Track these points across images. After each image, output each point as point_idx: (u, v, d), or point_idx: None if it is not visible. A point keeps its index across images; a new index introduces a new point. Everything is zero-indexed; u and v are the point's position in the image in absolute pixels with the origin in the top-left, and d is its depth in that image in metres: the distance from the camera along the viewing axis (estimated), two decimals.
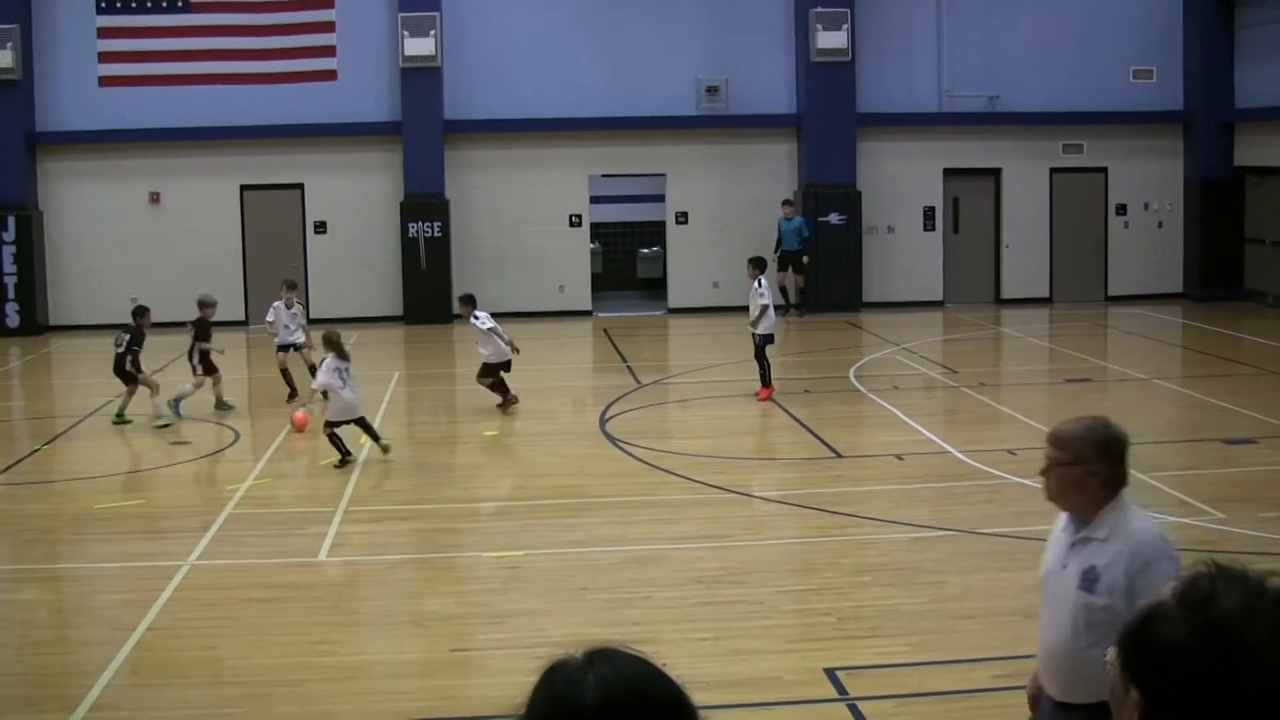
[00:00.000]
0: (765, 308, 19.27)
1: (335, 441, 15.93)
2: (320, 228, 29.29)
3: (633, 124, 29.23)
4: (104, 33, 28.88)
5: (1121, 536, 5.31)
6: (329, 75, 28.93)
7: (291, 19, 28.83)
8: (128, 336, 19.17)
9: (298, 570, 12.30)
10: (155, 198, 29.24)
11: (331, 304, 28.82)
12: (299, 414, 18.26)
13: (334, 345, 16.27)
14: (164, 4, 28.83)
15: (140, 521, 13.94)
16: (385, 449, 16.33)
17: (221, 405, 19.77)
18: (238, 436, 18.33)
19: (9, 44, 27.98)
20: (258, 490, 15.07)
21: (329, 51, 28.91)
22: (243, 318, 28.99)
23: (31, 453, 17.59)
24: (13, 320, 28.40)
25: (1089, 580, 5.34)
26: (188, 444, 17.70)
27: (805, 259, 28.83)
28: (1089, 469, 5.35)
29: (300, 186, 29.31)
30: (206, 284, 28.56)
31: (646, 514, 13.96)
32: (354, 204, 29.20)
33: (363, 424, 16.43)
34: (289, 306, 20.92)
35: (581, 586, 11.63)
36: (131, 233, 29.18)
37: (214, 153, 29.07)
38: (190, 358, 19.79)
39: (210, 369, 19.67)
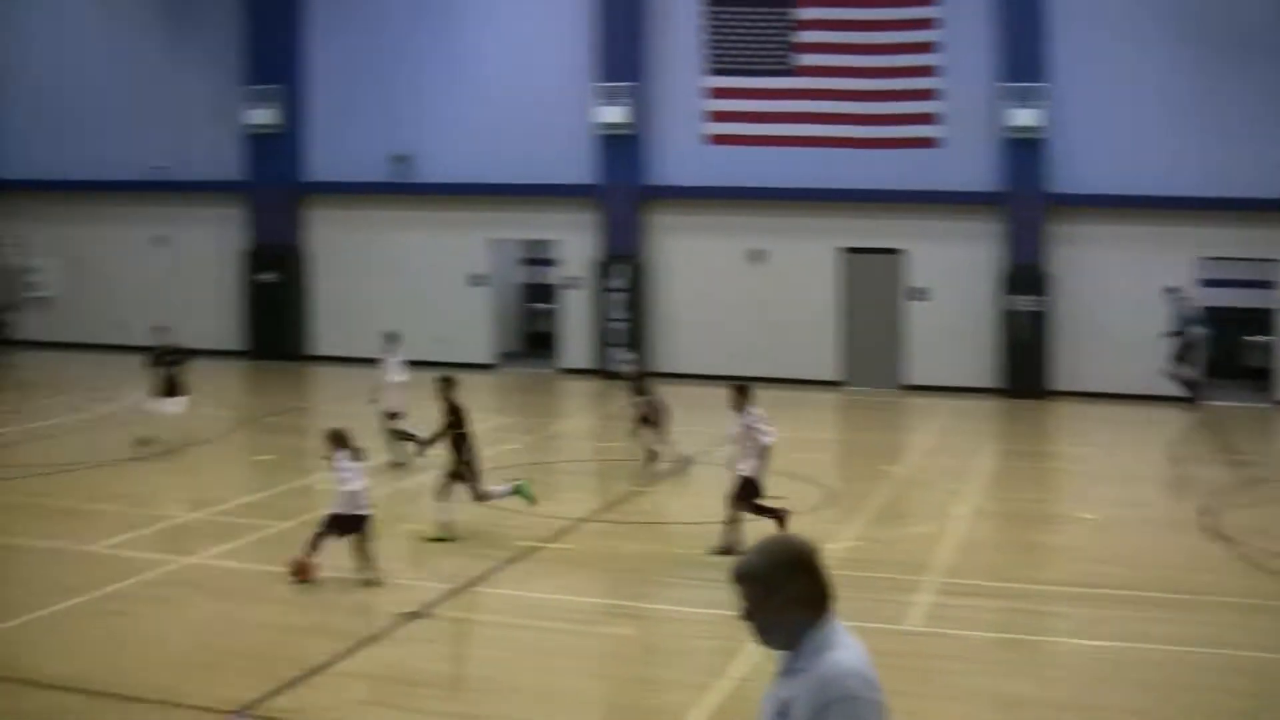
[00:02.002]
0: None
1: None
2: (919, 294, 29.14)
3: (1239, 205, 27.45)
4: (713, 93, 29.94)
5: (814, 668, 4.58)
6: (931, 143, 28.85)
7: (897, 85, 28.92)
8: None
9: (883, 636, 12.05)
10: (756, 255, 29.96)
11: (927, 372, 28.75)
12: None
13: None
14: (771, 68, 29.59)
15: (723, 572, 14.05)
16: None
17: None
18: (830, 495, 18.35)
19: (625, 100, 29.51)
20: (849, 552, 14.96)
21: (932, 119, 28.83)
22: (835, 378, 29.33)
23: (631, 494, 18.19)
24: (617, 365, 29.70)
25: (782, 713, 4.62)
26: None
27: None
28: (784, 595, 4.65)
29: (900, 252, 29.30)
30: (799, 343, 29.18)
31: (1265, 618, 12.89)
32: (953, 272, 28.91)
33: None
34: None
35: (1183, 685, 10.85)
36: (730, 288, 30.04)
37: (815, 214, 29.53)
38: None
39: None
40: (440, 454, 15.75)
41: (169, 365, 21.07)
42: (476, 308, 31.79)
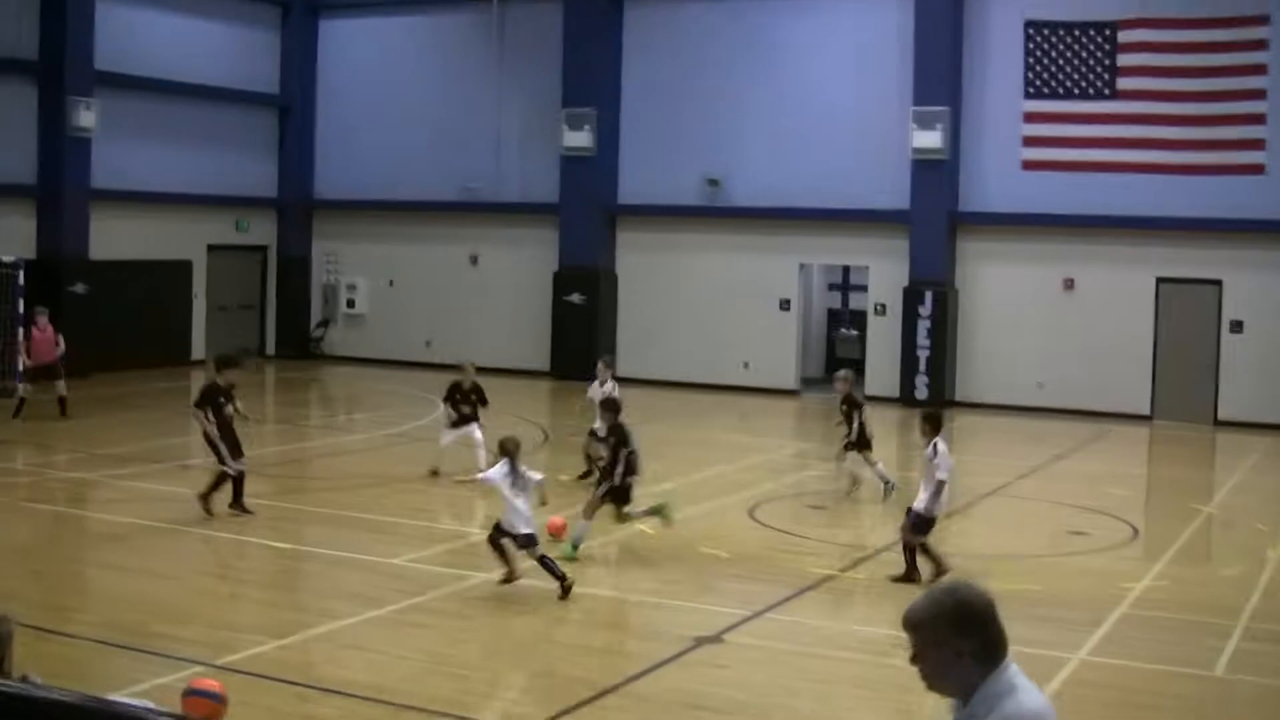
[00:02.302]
0: None
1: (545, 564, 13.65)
2: (1236, 327, 27.97)
3: None
4: (1030, 117, 29.31)
5: (995, 715, 4.45)
6: (1258, 169, 27.66)
7: (1221, 110, 27.84)
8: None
9: (1188, 681, 11.58)
10: (1069, 284, 29.22)
11: (1241, 407, 27.64)
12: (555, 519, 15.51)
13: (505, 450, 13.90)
14: (1090, 91, 28.83)
15: (1031, 606, 13.72)
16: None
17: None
18: (1136, 533, 17.77)
19: (939, 125, 29.15)
20: (1154, 592, 14.43)
21: (1258, 145, 27.65)
22: (1146, 411, 28.43)
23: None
24: (921, 392, 29.42)
25: None
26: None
27: None
28: (953, 648, 4.48)
29: (1218, 283, 28.17)
30: (1111, 373, 28.33)
31: None
32: (1272, 303, 27.64)
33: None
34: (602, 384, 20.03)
35: None
36: (1042, 317, 29.37)
37: (1130, 242, 28.65)
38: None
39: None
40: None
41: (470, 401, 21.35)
42: (783, 332, 31.79)
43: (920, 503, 14.31)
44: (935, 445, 14.34)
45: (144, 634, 11.92)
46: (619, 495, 15.31)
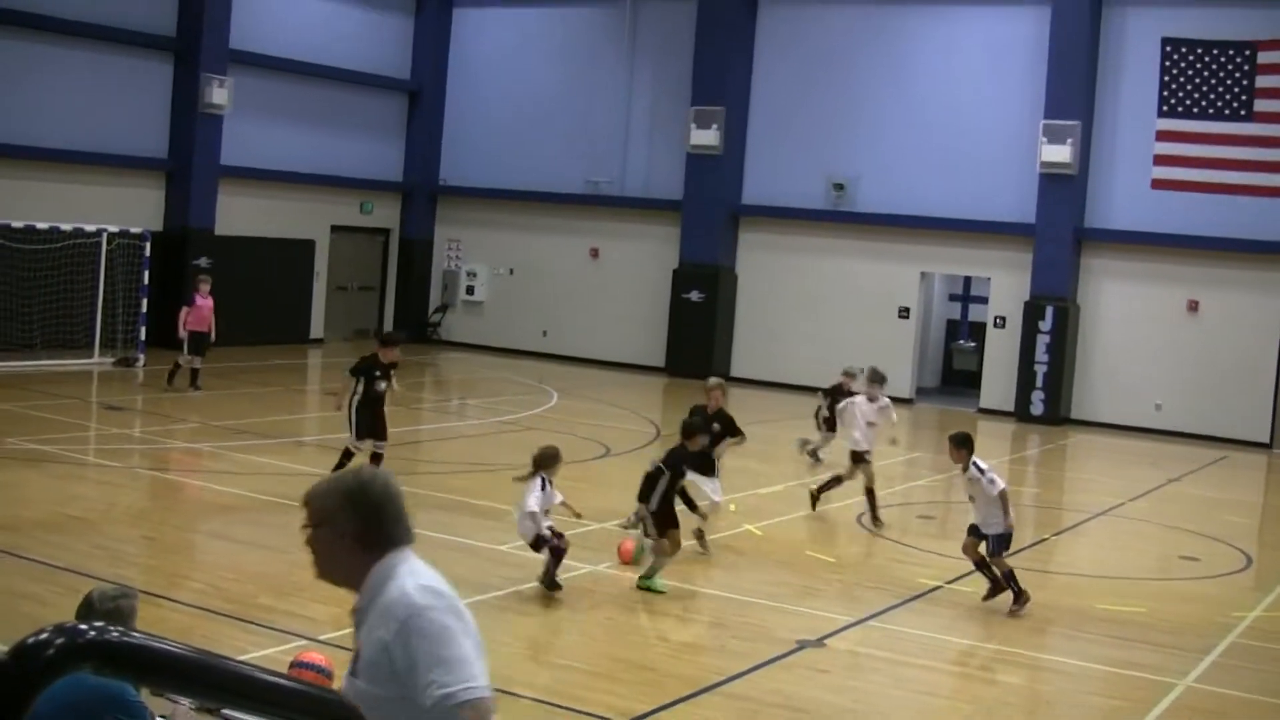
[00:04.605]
0: None
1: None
2: None
3: None
4: (1163, 135, 28.85)
5: (375, 604, 4.28)
6: None
7: None
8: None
9: None
10: (1193, 306, 28.75)
11: None
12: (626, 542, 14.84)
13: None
14: (1226, 112, 28.32)
15: (1138, 630, 13.53)
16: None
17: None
18: (1249, 561, 17.46)
19: (1069, 139, 28.80)
20: (1266, 622, 14.15)
21: None
22: (1267, 439, 27.91)
23: (1038, 541, 17.75)
24: (1037, 408, 29.12)
25: (354, 663, 4.33)
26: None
27: None
28: (338, 528, 4.33)
29: None
30: (1232, 398, 27.84)
31: None
32: None
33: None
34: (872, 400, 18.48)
35: None
36: (1164, 337, 28.94)
37: (1257, 266, 28.13)
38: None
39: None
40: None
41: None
42: (900, 340, 31.59)
43: (999, 525, 13.69)
44: (975, 464, 13.78)
45: (251, 605, 12.12)
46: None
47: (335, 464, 16.23)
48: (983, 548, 13.81)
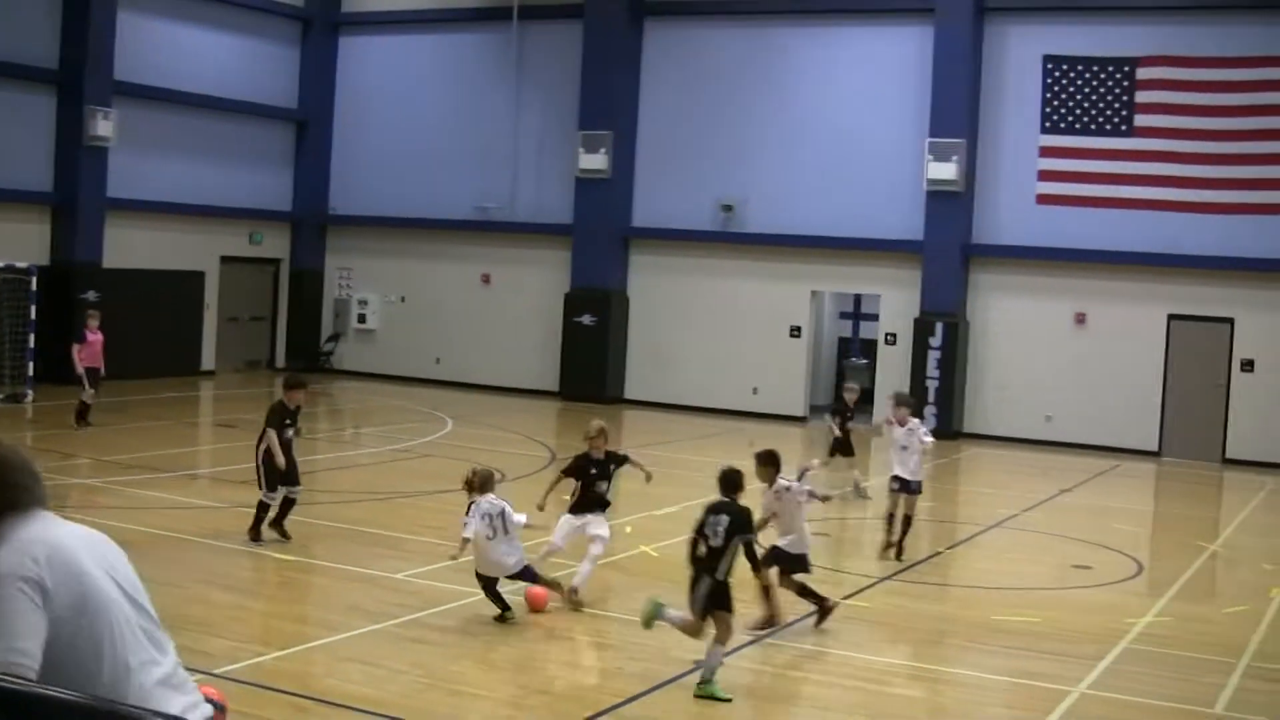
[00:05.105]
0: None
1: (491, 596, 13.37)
2: (1247, 366, 27.96)
3: None
4: (1046, 151, 29.34)
5: None
6: (1272, 209, 27.66)
7: (1237, 149, 27.86)
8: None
9: (1188, 718, 11.54)
10: (1080, 319, 29.22)
11: (1250, 445, 27.71)
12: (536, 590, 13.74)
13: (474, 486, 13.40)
14: (1108, 127, 28.84)
15: (1033, 639, 13.69)
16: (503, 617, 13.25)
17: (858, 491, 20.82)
18: (1141, 569, 17.74)
19: (954, 157, 29.18)
20: (1157, 628, 14.38)
21: (1274, 184, 27.64)
22: (1154, 448, 28.42)
23: (933, 555, 17.91)
24: (930, 423, 29.23)
25: None
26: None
27: None
28: None
29: (1230, 321, 28.15)
30: (1121, 408, 28.31)
31: None
32: None
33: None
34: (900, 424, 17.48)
35: None
36: (1053, 350, 29.37)
37: (1142, 278, 28.65)
38: None
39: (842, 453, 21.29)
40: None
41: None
42: (793, 359, 31.79)
43: (786, 543, 13.61)
44: (783, 481, 13.52)
45: None
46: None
47: (251, 524, 15.84)
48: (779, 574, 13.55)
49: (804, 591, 13.70)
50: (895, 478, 17.20)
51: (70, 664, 4.29)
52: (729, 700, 11.14)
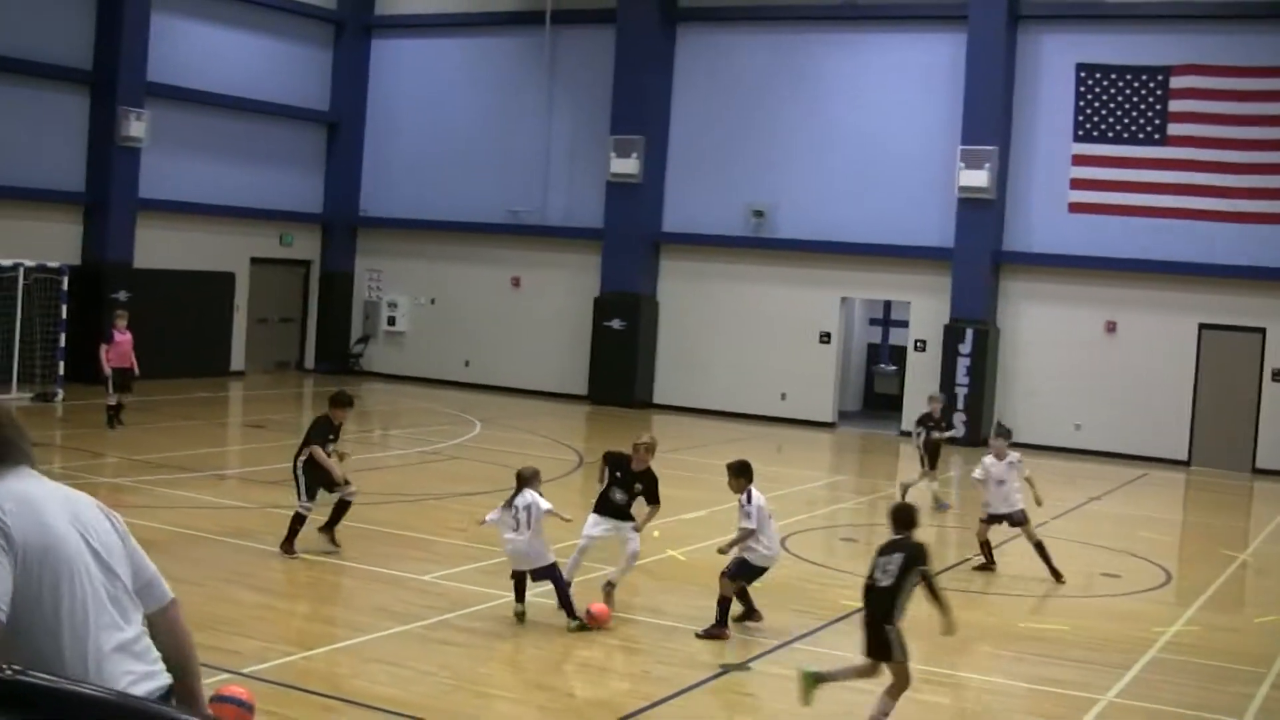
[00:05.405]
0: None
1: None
2: (1278, 376, 27.82)
3: None
4: (1079, 160, 29.25)
5: None
6: None
7: (1271, 159, 27.72)
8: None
9: None
10: (1111, 327, 29.11)
11: (1279, 456, 27.52)
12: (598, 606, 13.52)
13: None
14: (1140, 136, 28.74)
15: (1061, 646, 13.65)
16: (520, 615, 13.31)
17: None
18: (1169, 577, 17.66)
19: (986, 164, 29.11)
20: (1186, 636, 14.33)
21: None
22: (1184, 457, 28.32)
23: (960, 561, 17.86)
24: (958, 430, 29.28)
25: None
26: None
27: None
28: None
29: (1262, 331, 28.02)
30: (1150, 417, 28.19)
31: None
32: None
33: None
34: (999, 458, 17.20)
35: None
36: (1082, 358, 29.27)
37: (1174, 288, 28.54)
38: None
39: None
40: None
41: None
42: (822, 365, 31.75)
43: (738, 552, 13.30)
44: (749, 494, 13.30)
45: None
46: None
47: (286, 535, 15.54)
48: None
49: (742, 595, 13.52)
50: (993, 515, 16.98)
51: (31, 616, 4.33)
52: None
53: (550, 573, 13.28)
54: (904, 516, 11.10)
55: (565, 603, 13.18)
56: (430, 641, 12.51)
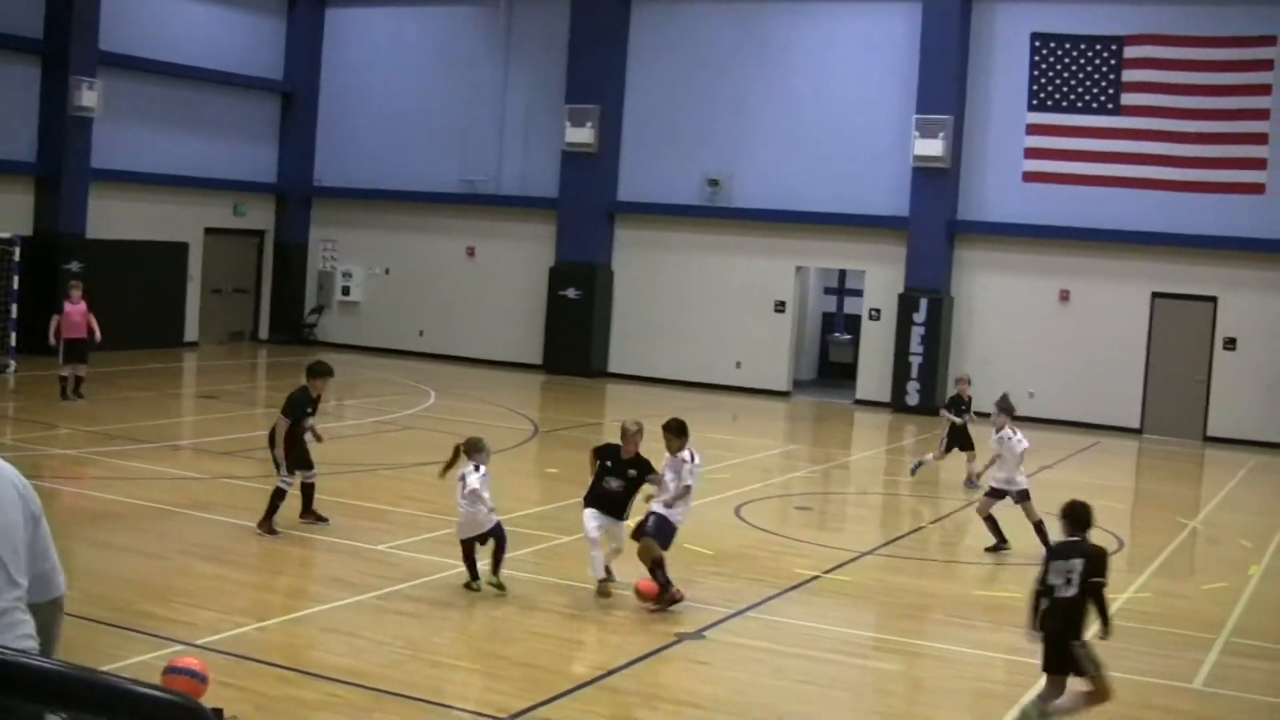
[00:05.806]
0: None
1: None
2: (1230, 345, 28.07)
3: None
4: (1033, 129, 29.36)
5: None
6: (1258, 188, 27.72)
7: (1223, 128, 27.89)
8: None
9: (1168, 693, 11.61)
10: (1064, 296, 29.28)
11: (1231, 424, 27.89)
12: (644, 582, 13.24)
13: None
14: (1094, 105, 28.87)
15: (1013, 614, 13.73)
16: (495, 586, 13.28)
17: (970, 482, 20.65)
18: (1121, 544, 17.81)
19: (941, 133, 29.19)
20: (1137, 604, 14.47)
21: (1259, 164, 27.70)
22: (1137, 425, 28.57)
23: (915, 529, 17.98)
24: (913, 399, 29.52)
25: None
26: None
27: None
28: None
29: (1213, 300, 28.25)
30: (1103, 385, 28.41)
31: None
32: (1266, 322, 27.74)
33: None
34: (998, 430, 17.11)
35: None
36: (1036, 327, 29.44)
37: (1127, 256, 28.73)
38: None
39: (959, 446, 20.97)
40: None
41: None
42: (777, 334, 31.82)
43: (673, 515, 13.26)
44: (691, 453, 13.30)
45: (128, 611, 11.94)
46: None
47: (267, 507, 15.29)
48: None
49: (657, 567, 13.05)
50: (992, 489, 16.81)
51: None
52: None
53: (494, 532, 13.31)
54: (1080, 516, 10.40)
55: (497, 561, 13.24)
56: (385, 611, 12.52)
